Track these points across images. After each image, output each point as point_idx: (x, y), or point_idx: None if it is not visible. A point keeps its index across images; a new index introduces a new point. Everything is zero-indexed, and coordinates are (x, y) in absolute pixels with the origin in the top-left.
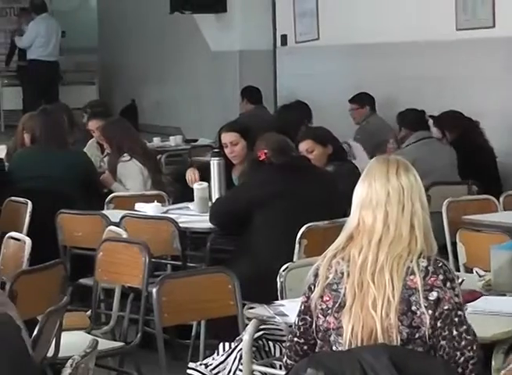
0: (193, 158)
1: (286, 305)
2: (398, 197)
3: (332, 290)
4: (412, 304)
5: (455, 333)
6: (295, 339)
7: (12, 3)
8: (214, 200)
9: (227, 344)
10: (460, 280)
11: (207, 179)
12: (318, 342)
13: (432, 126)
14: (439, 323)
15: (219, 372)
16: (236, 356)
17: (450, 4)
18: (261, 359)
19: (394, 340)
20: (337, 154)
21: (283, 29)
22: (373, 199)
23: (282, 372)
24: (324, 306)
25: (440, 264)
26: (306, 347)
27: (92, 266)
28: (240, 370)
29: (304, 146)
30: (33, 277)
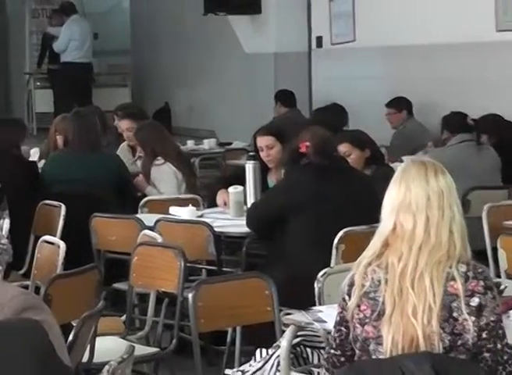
0: (227, 161)
1: (324, 311)
2: (438, 201)
3: (370, 298)
4: (453, 310)
5: (499, 346)
6: (331, 351)
7: (45, 4)
8: (249, 204)
9: (264, 350)
10: (503, 287)
11: (242, 183)
12: (357, 352)
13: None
14: (485, 335)
15: None
16: (274, 363)
17: (490, 5)
18: (299, 366)
19: (436, 348)
20: (375, 158)
21: (319, 30)
22: (412, 203)
23: None
24: (361, 315)
25: (480, 270)
26: (343, 358)
27: (126, 271)
28: None
29: (341, 150)
30: (67, 282)
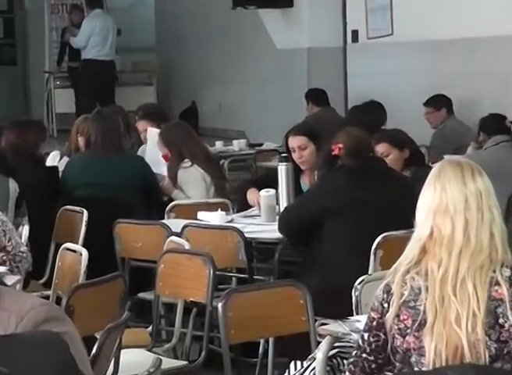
0: (257, 163)
1: (363, 321)
2: (477, 202)
3: (409, 307)
4: (499, 316)
5: None
6: (363, 355)
7: None
8: (282, 208)
9: (299, 362)
10: None
11: (274, 185)
12: (397, 365)
13: None
14: None
15: None
16: None
17: None
18: None
19: (482, 356)
20: (414, 158)
21: (354, 24)
22: (450, 205)
23: None
24: (402, 326)
25: None
26: (374, 365)
27: (152, 280)
28: None
29: (379, 149)
30: (90, 292)
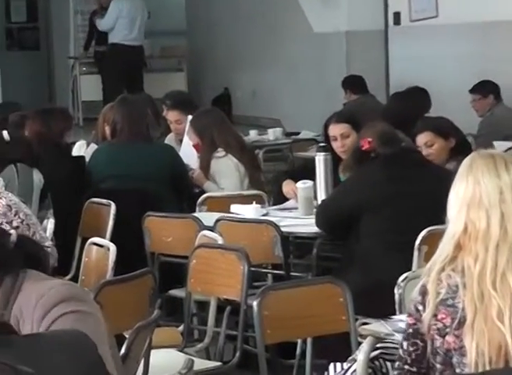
0: (294, 153)
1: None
2: None
3: (448, 306)
4: None
5: None
6: (406, 367)
7: None
8: (320, 201)
9: (338, 364)
10: None
11: (311, 177)
12: (438, 367)
13: None
14: None
15: None
16: None
17: None
18: None
19: None
20: (460, 148)
21: (396, 5)
22: (484, 198)
23: None
24: (440, 325)
25: None
26: None
27: (183, 276)
28: None
29: (423, 139)
30: (118, 288)
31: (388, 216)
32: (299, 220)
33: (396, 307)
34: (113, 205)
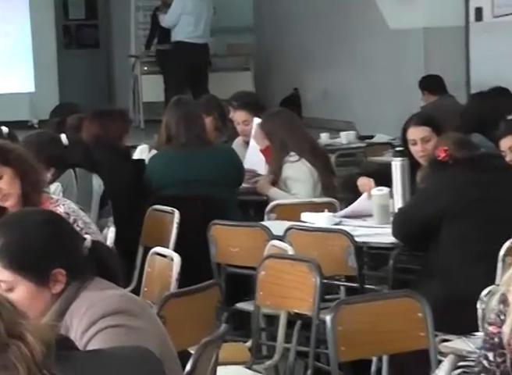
0: (368, 158)
1: None
2: None
3: None
4: None
5: None
6: None
7: None
8: (396, 209)
9: None
10: None
11: (386, 183)
12: None
13: None
14: None
15: None
16: None
17: None
18: None
19: None
20: None
21: (478, 0)
22: None
23: None
24: None
25: None
26: None
27: (251, 288)
28: None
29: (508, 143)
30: (183, 301)
31: (470, 224)
32: (374, 229)
33: (479, 323)
34: (177, 213)
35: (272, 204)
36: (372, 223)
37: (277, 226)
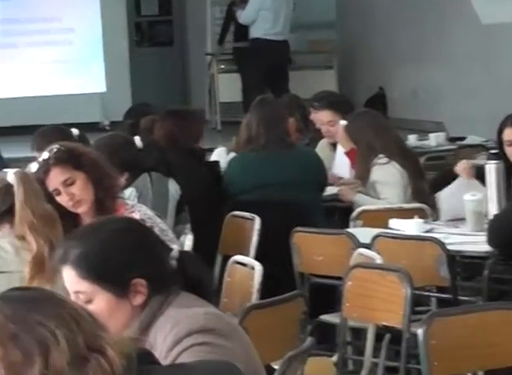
0: (459, 161)
1: None
2: None
3: None
4: None
5: None
6: None
7: None
8: (491, 215)
9: None
10: None
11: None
12: None
13: None
14: None
15: None
16: None
17: None
18: None
19: None
20: None
21: None
22: None
23: None
24: None
25: None
26: None
27: (336, 299)
28: None
29: None
30: (266, 313)
31: None
32: (467, 237)
33: None
34: (257, 219)
35: (358, 210)
36: (465, 231)
37: (364, 233)
